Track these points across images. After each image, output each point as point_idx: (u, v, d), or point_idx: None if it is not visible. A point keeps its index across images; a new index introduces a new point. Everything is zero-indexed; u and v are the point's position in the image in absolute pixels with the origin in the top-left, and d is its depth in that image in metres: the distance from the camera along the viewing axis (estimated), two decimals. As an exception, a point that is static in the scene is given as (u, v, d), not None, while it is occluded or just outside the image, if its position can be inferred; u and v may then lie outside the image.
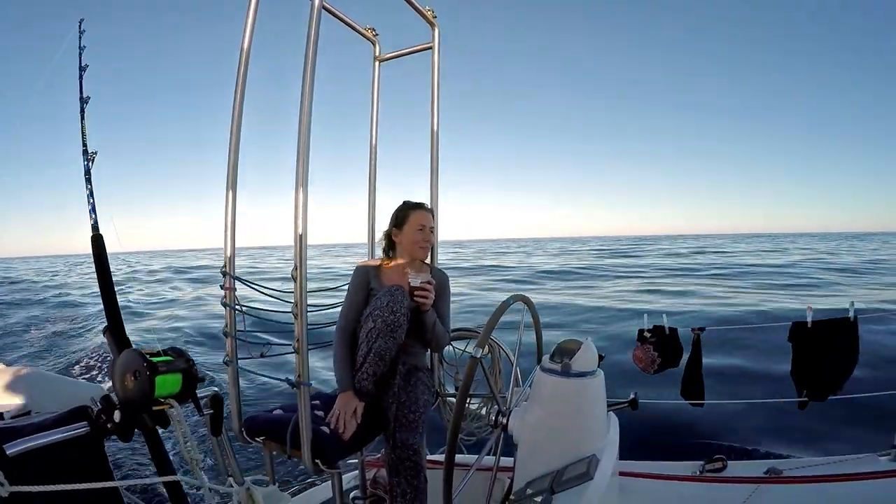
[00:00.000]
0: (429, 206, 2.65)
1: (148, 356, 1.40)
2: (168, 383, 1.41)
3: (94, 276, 1.76)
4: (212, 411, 1.71)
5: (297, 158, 1.91)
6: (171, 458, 1.62)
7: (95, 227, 1.77)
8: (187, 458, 1.43)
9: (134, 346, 1.55)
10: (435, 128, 2.93)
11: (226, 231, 2.21)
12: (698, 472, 2.81)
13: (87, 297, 22.14)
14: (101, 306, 1.72)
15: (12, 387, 2.37)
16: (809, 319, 3.08)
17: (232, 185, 2.21)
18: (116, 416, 1.43)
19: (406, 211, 2.55)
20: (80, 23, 1.99)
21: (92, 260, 1.75)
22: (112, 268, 1.79)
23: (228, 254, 2.21)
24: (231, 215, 2.21)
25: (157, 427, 1.47)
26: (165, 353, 1.47)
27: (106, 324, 1.68)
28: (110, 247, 1.78)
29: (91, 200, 1.79)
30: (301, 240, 1.91)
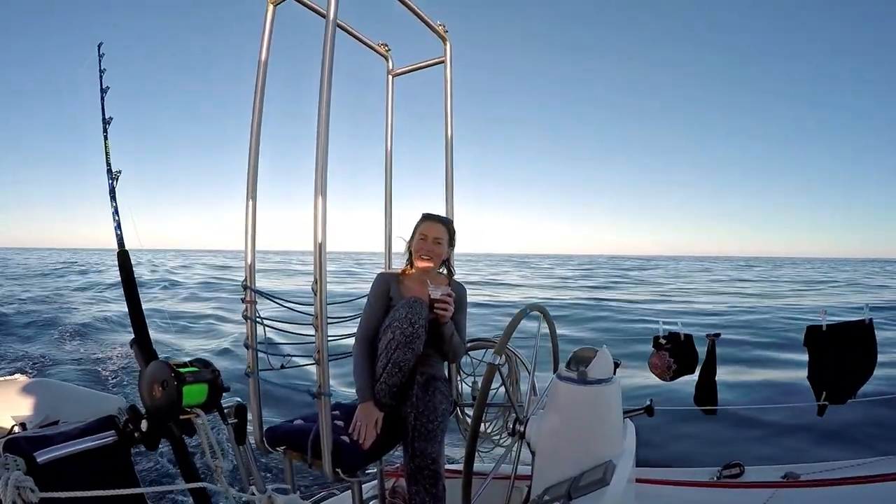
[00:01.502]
0: (445, 218, 2.66)
1: (175, 367, 1.44)
2: (194, 393, 1.44)
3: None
4: (236, 420, 1.75)
5: (315, 171, 1.95)
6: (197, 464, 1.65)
7: (121, 244, 1.80)
8: (212, 466, 1.47)
9: (160, 357, 1.58)
10: (449, 140, 2.96)
11: (246, 245, 2.26)
12: (715, 478, 2.81)
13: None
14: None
15: (35, 399, 2.41)
16: (824, 323, 3.07)
17: (252, 200, 2.26)
18: (143, 425, 1.47)
19: (418, 222, 2.58)
20: (99, 47, 2.01)
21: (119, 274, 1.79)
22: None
23: (249, 268, 2.25)
24: (251, 230, 2.26)
25: (183, 436, 1.50)
26: (191, 363, 1.50)
27: (133, 336, 1.71)
28: (130, 244, 1.82)
29: (116, 218, 1.82)
30: (321, 253, 1.95)
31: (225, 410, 1.68)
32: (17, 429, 2.05)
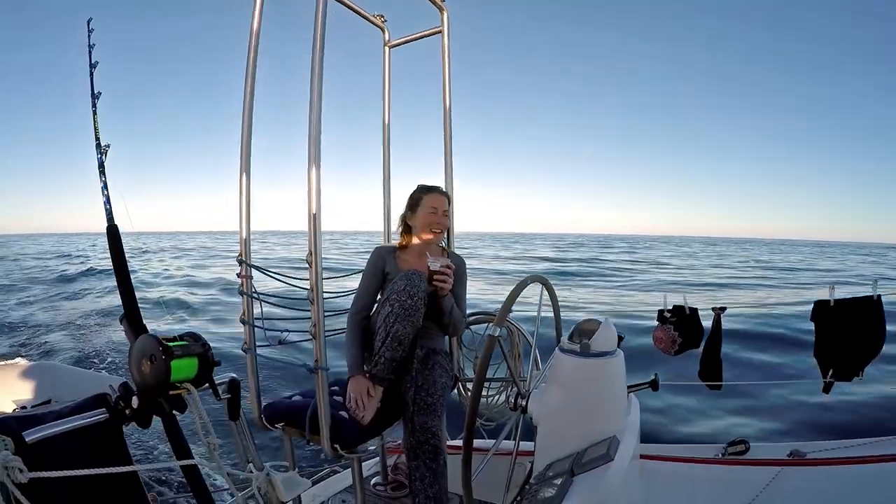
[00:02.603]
0: (444, 190, 2.63)
1: (164, 341, 1.40)
2: (184, 368, 1.41)
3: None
4: (229, 396, 1.72)
5: (308, 144, 1.91)
6: (192, 442, 1.62)
7: (110, 218, 1.78)
8: (205, 443, 1.44)
9: (150, 332, 1.55)
10: (447, 112, 2.90)
11: (240, 220, 2.22)
12: (720, 455, 2.79)
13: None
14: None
15: (34, 381, 2.40)
16: (832, 298, 3.02)
17: (245, 173, 2.21)
18: (134, 402, 1.43)
19: (419, 194, 2.54)
20: (89, 22, 2.00)
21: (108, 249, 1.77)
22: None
23: (244, 243, 2.21)
24: (245, 204, 2.21)
25: (175, 412, 1.47)
26: (182, 337, 1.47)
27: (123, 311, 1.68)
28: (122, 227, 1.79)
29: (105, 192, 1.81)
30: (315, 224, 1.91)
31: (219, 386, 1.64)
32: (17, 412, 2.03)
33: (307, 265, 1.95)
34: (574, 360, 1.79)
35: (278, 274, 2.39)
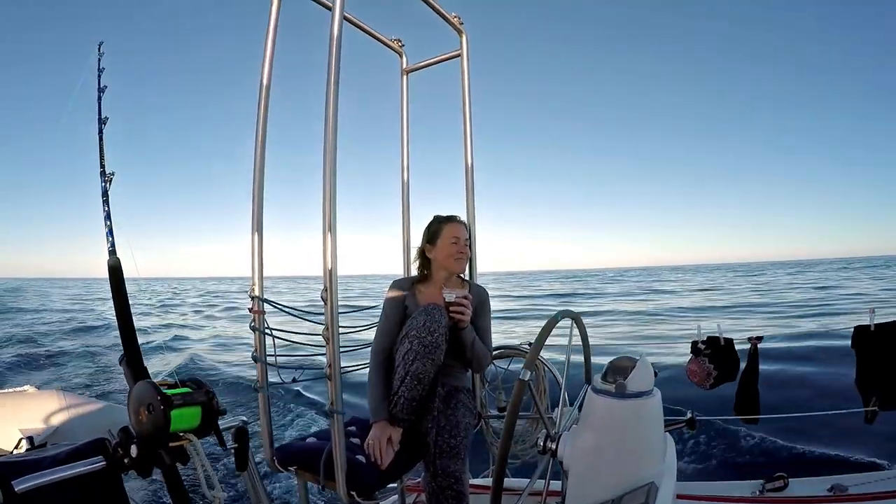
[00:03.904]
0: (462, 219, 2.55)
1: (163, 388, 1.31)
2: (185, 417, 1.32)
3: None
4: (236, 445, 1.62)
5: (323, 172, 1.84)
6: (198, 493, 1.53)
7: (113, 252, 1.71)
8: (209, 497, 1.34)
9: (152, 376, 1.46)
10: (468, 137, 2.84)
11: (252, 252, 2.15)
12: (758, 493, 2.70)
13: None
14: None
15: (40, 411, 2.34)
16: (872, 323, 2.90)
17: (258, 202, 2.16)
18: (133, 450, 1.35)
19: (438, 225, 2.46)
20: (100, 45, 2.00)
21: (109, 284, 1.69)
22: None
23: (256, 276, 2.13)
24: (258, 235, 2.15)
25: (178, 463, 1.38)
26: (184, 383, 1.38)
27: (122, 352, 1.60)
28: (128, 273, 1.72)
29: (108, 223, 1.74)
30: (331, 259, 1.83)
31: (226, 433, 1.54)
32: (23, 442, 1.98)
33: (322, 302, 1.85)
34: (608, 402, 1.68)
35: (291, 310, 2.30)
